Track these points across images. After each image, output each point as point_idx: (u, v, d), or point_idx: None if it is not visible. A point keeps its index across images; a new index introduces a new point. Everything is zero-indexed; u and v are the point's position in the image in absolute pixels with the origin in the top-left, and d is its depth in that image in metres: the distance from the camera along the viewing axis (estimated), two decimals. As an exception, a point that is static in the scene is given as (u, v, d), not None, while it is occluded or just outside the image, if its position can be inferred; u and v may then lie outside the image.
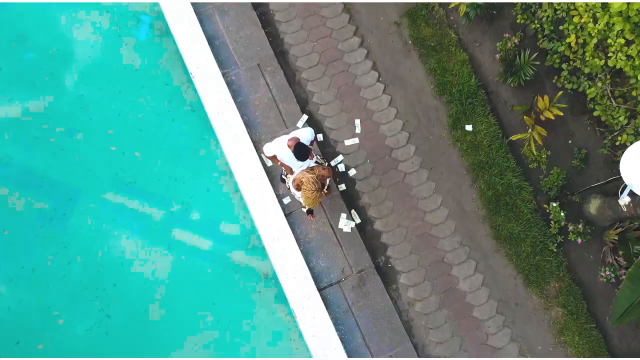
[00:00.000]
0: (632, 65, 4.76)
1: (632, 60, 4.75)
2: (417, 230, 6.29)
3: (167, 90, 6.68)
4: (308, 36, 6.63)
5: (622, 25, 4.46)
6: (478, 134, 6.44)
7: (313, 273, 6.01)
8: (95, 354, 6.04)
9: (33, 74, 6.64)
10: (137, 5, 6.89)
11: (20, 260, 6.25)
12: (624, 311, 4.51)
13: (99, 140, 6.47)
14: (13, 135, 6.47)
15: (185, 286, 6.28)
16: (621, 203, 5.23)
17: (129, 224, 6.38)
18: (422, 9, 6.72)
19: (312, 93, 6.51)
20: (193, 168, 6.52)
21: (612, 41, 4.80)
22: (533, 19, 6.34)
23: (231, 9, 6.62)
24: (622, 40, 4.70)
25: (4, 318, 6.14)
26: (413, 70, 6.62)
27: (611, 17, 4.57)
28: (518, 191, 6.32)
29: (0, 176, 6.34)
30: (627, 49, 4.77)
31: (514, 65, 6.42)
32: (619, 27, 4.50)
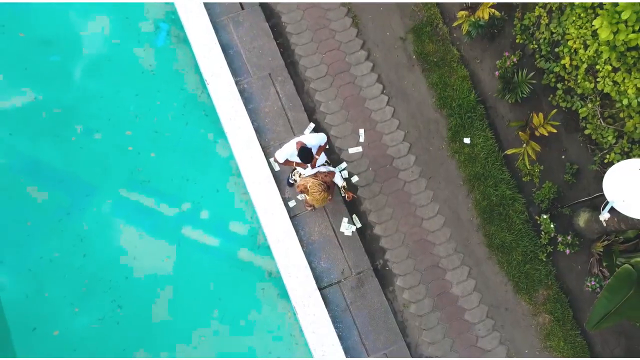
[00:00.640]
0: (618, 91, 5.17)
1: (618, 86, 5.16)
2: (414, 236, 6.71)
3: (182, 94, 7.12)
4: (317, 48, 7.07)
5: (609, 53, 4.88)
6: (475, 146, 6.87)
7: (314, 273, 6.45)
8: (107, 342, 6.48)
9: (56, 75, 7.08)
10: (156, 13, 7.33)
11: (39, 250, 6.69)
12: (601, 319, 4.93)
13: (116, 140, 6.92)
14: (36, 133, 6.91)
15: (193, 281, 6.70)
16: (601, 219, 5.65)
17: (142, 221, 6.81)
18: (426, 25, 7.15)
19: (319, 102, 6.95)
20: (204, 169, 6.96)
21: (600, 67, 5.22)
22: (531, 40, 6.76)
23: (245, 20, 7.06)
24: (609, 67, 5.12)
25: (22, 305, 6.58)
26: (416, 84, 7.05)
27: (600, 46, 4.98)
28: (511, 202, 6.74)
29: (25, 171, 6.78)
30: (614, 75, 5.19)
31: (512, 83, 6.84)
32: (606, 56, 4.92)
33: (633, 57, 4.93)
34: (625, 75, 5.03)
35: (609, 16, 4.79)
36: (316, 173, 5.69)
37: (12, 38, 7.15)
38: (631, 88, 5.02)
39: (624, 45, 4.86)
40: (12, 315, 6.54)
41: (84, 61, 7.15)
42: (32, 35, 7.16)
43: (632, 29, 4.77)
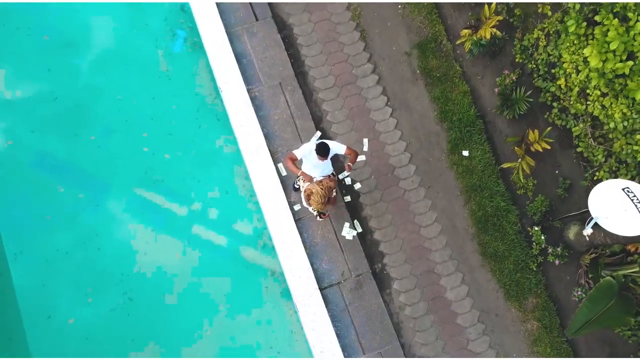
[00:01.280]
0: (606, 114, 5.60)
1: (606, 110, 5.59)
2: (412, 242, 7.15)
3: (196, 99, 7.58)
4: (326, 60, 7.52)
5: (598, 80, 5.32)
6: (473, 159, 7.30)
7: (316, 274, 6.90)
8: (118, 332, 6.93)
9: (77, 77, 7.55)
10: (174, 21, 7.79)
11: (56, 243, 7.15)
12: (581, 326, 5.36)
13: (133, 140, 7.38)
14: (56, 132, 7.37)
15: (200, 277, 7.16)
16: (585, 233, 6.08)
17: (154, 218, 7.27)
18: (431, 41, 7.59)
19: (326, 112, 7.39)
20: (215, 172, 7.41)
21: (590, 91, 5.66)
22: (530, 60, 7.19)
23: (259, 30, 7.51)
24: (599, 92, 5.55)
25: (39, 294, 7.04)
26: (419, 98, 7.49)
27: (590, 72, 5.41)
28: (505, 214, 7.17)
29: (46, 167, 7.25)
30: (602, 99, 5.62)
31: (511, 100, 7.28)
32: (595, 82, 5.35)
33: (620, 84, 5.36)
34: (613, 100, 5.46)
35: (599, 45, 5.22)
36: (322, 180, 6.11)
37: (37, 40, 7.61)
38: (618, 112, 5.45)
39: (612, 73, 5.29)
40: (29, 303, 7.00)
41: (104, 65, 7.61)
42: (55, 38, 7.62)
43: (620, 59, 5.20)
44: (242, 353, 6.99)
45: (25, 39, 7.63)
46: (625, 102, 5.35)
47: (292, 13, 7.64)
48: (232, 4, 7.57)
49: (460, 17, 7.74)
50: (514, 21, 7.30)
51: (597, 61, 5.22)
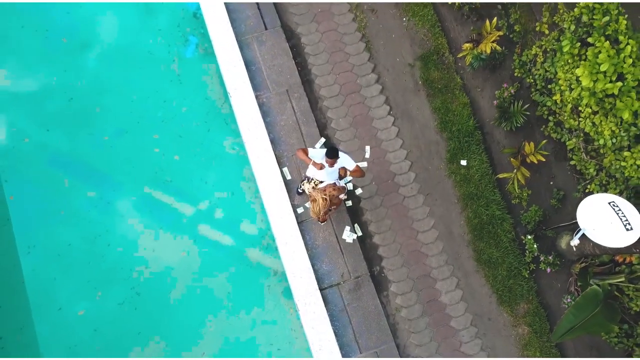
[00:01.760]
0: (596, 131, 5.95)
1: (596, 127, 5.94)
2: (409, 247, 7.51)
3: (206, 103, 7.95)
4: (332, 69, 7.88)
5: (589, 99, 5.67)
6: (471, 168, 7.66)
7: (316, 275, 7.26)
8: (126, 325, 7.31)
9: (91, 79, 7.93)
10: (187, 27, 8.16)
11: (68, 238, 7.53)
12: (566, 332, 5.71)
13: (144, 141, 7.75)
14: (71, 131, 7.75)
15: (205, 275, 7.53)
16: (572, 244, 6.43)
17: (163, 217, 7.65)
18: (434, 54, 7.94)
19: (330, 119, 7.75)
20: (222, 173, 7.78)
21: (582, 109, 6.01)
22: (528, 75, 7.54)
23: (268, 39, 7.88)
24: (589, 110, 5.90)
25: (49, 287, 7.42)
26: (420, 108, 7.84)
27: (582, 91, 5.76)
28: (500, 222, 7.52)
29: (60, 165, 7.63)
30: (593, 117, 5.97)
31: (508, 112, 7.63)
32: (586, 100, 5.70)
33: (610, 103, 5.71)
34: (603, 118, 5.81)
35: (590, 66, 5.57)
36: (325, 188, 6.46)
37: (55, 42, 7.99)
38: (607, 130, 5.80)
39: (602, 93, 5.64)
40: (40, 295, 7.37)
41: (118, 67, 7.99)
42: (73, 41, 8.00)
43: (610, 79, 5.55)
44: (243, 348, 7.35)
45: (43, 40, 8.02)
46: (614, 121, 5.70)
47: (300, 23, 8.01)
48: (243, 13, 7.93)
49: (462, 30, 8.09)
50: (513, 37, 7.65)
51: (588, 81, 5.57)
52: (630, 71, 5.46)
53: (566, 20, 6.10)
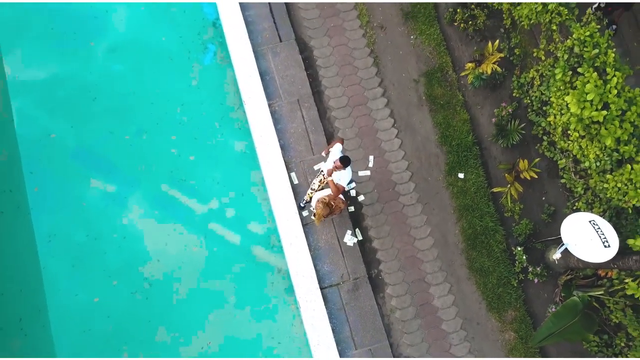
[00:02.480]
0: (583, 154, 6.52)
1: (582, 150, 6.51)
2: (406, 253, 8.10)
3: (221, 108, 8.56)
4: (341, 81, 8.47)
5: (576, 124, 6.24)
6: (468, 181, 8.23)
7: (318, 274, 7.86)
8: (137, 312, 7.92)
9: (116, 81, 8.54)
10: (206, 35, 8.77)
11: (87, 229, 8.15)
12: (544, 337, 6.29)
13: (162, 142, 8.36)
14: (94, 129, 8.38)
15: (214, 269, 8.14)
16: (553, 257, 6.99)
17: (177, 213, 8.26)
18: (438, 71, 8.52)
19: (338, 129, 8.35)
20: (233, 175, 8.39)
21: (571, 132, 6.57)
22: (526, 95, 8.10)
23: (282, 51, 8.48)
24: (577, 134, 6.47)
25: (69, 274, 8.04)
26: (423, 122, 8.43)
27: (571, 116, 6.33)
28: (493, 233, 8.10)
29: (82, 160, 8.27)
30: (580, 140, 6.54)
31: (506, 130, 8.21)
32: (574, 125, 6.27)
33: (595, 129, 6.27)
34: (588, 142, 6.37)
35: (579, 94, 6.14)
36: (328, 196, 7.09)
37: (83, 45, 8.62)
38: (592, 154, 6.37)
39: (589, 119, 6.21)
40: (59, 281, 8.00)
41: (140, 71, 8.62)
42: (100, 45, 8.63)
43: (596, 108, 6.11)
44: (246, 340, 7.94)
45: (71, 42, 8.65)
46: (598, 146, 6.26)
47: (313, 36, 8.60)
48: (259, 25, 8.53)
49: (466, 50, 8.67)
50: (513, 59, 8.22)
51: (576, 108, 6.14)
52: (615, 101, 6.03)
53: (560, 49, 6.67)
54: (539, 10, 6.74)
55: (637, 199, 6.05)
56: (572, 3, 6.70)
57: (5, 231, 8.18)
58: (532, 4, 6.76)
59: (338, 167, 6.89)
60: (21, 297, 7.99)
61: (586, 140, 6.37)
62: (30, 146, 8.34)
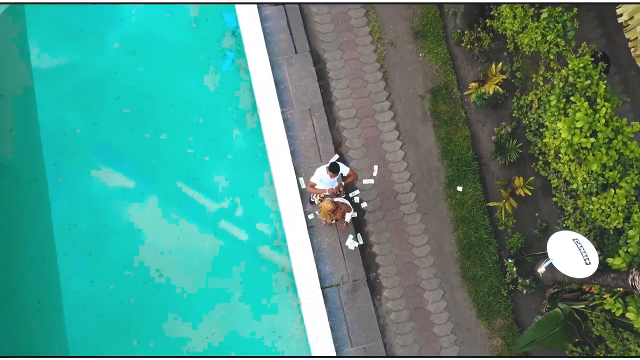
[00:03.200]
0: (572, 176, 7.11)
1: (571, 173, 7.10)
2: (404, 258, 8.71)
3: (236, 113, 9.20)
4: (351, 94, 9.09)
5: (566, 149, 6.82)
6: (466, 194, 8.83)
7: (320, 274, 8.48)
8: (148, 301, 8.57)
9: (138, 82, 9.19)
10: (226, 43, 9.40)
11: (106, 220, 8.81)
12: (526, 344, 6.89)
13: (180, 142, 9.01)
14: (116, 127, 9.03)
15: (222, 264, 8.78)
16: (539, 271, 7.57)
17: (190, 210, 8.91)
18: (443, 89, 9.12)
19: (345, 138, 8.96)
20: (245, 176, 9.03)
21: (562, 155, 7.16)
22: (525, 116, 8.69)
23: (297, 62, 9.10)
24: (567, 158, 7.06)
25: (86, 261, 8.70)
26: (426, 136, 9.03)
27: (562, 141, 6.91)
28: (486, 245, 8.70)
29: (104, 155, 8.94)
30: (570, 164, 7.13)
31: (504, 148, 8.80)
32: (564, 150, 6.86)
33: (584, 154, 6.86)
34: (577, 166, 6.96)
35: (569, 121, 6.73)
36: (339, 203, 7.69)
37: (108, 47, 9.28)
38: (580, 177, 6.96)
39: (578, 145, 6.79)
40: (76, 268, 8.65)
41: (162, 73, 9.27)
42: (124, 47, 9.28)
43: (585, 135, 6.70)
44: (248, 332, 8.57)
45: (98, 43, 9.30)
46: (585, 170, 6.84)
47: (327, 49, 9.22)
48: (276, 36, 9.15)
49: (471, 70, 9.26)
50: (515, 82, 8.81)
51: (567, 134, 6.72)
52: (602, 130, 6.61)
53: (556, 77, 7.25)
54: (539, 40, 7.31)
55: (618, 222, 6.63)
56: (570, 34, 7.27)
57: (29, 218, 8.86)
58: (532, 33, 7.35)
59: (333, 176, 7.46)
60: (40, 281, 8.67)
61: (575, 164, 6.96)
62: (55, 140, 9.01)
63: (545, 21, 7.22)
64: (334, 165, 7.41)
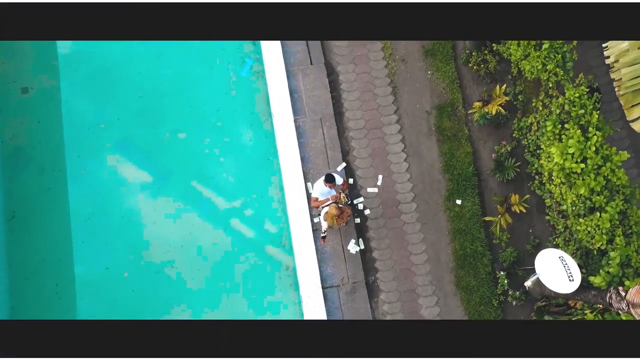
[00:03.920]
0: (562, 198, 7.70)
1: (562, 195, 7.69)
2: (402, 265, 9.32)
3: (251, 118, 9.84)
4: (361, 106, 9.71)
5: (558, 172, 7.41)
6: (464, 208, 9.43)
7: (321, 275, 9.11)
8: (160, 289, 9.22)
9: (160, 83, 9.85)
10: (246, 50, 10.04)
11: (123, 211, 9.47)
12: (509, 351, 7.50)
13: (197, 142, 9.66)
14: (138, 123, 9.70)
15: (229, 259, 9.42)
16: (525, 284, 8.16)
17: (202, 207, 9.56)
18: (449, 106, 9.73)
19: (353, 148, 9.59)
20: (256, 178, 9.67)
21: (554, 178, 7.75)
22: (524, 137, 9.27)
23: (312, 73, 9.73)
24: (559, 180, 7.65)
25: (102, 248, 9.37)
26: (430, 150, 9.64)
27: (555, 165, 7.50)
28: (481, 257, 9.30)
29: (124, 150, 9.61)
30: (561, 186, 7.71)
31: (503, 166, 9.39)
32: (556, 173, 7.45)
33: (574, 178, 7.45)
34: (567, 189, 7.55)
35: (562, 147, 7.32)
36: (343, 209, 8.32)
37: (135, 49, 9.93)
38: (569, 199, 7.55)
39: (569, 169, 7.38)
40: (94, 255, 9.32)
41: (183, 75, 9.92)
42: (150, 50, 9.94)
43: (576, 160, 7.29)
44: (251, 326, 9.21)
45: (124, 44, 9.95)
46: (575, 193, 7.43)
47: (341, 62, 9.84)
48: (293, 47, 9.78)
49: (476, 89, 9.86)
50: (517, 104, 9.40)
51: (559, 158, 7.32)
52: (592, 157, 7.20)
53: (554, 104, 7.84)
54: (539, 68, 7.90)
55: (602, 243, 7.22)
56: (569, 65, 7.86)
57: (50, 206, 9.53)
58: (534, 61, 7.94)
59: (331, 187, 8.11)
60: (59, 265, 9.33)
61: (566, 186, 7.55)
62: (80, 133, 9.68)
63: (546, 51, 7.81)
64: (328, 175, 8.08)
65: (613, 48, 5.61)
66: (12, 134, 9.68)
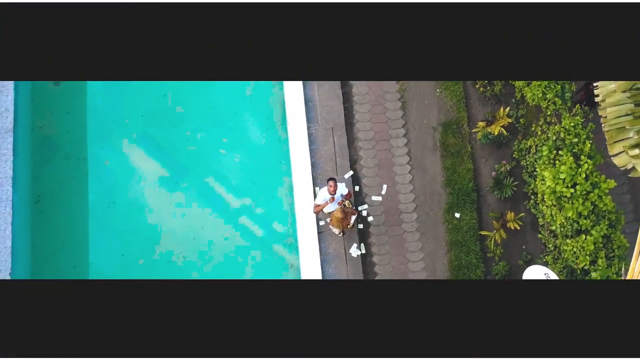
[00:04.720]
0: (552, 219, 8.37)
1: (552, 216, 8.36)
2: (399, 271, 10.02)
3: (267, 122, 10.56)
4: (371, 118, 10.41)
5: (550, 195, 8.09)
6: (462, 221, 10.11)
7: (323, 275, 9.83)
8: (172, 276, 9.93)
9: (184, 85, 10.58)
10: (265, 58, 10.75)
11: (141, 203, 10.23)
12: None
13: (214, 142, 10.39)
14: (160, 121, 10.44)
15: (237, 255, 10.16)
16: (512, 296, 8.82)
17: (215, 204, 10.30)
18: (454, 124, 10.41)
19: (361, 157, 10.29)
20: (268, 180, 10.40)
21: (546, 200, 8.43)
22: (524, 158, 9.94)
23: (326, 84, 10.45)
24: (550, 202, 8.32)
25: (119, 237, 10.12)
26: (433, 164, 10.33)
27: (547, 187, 8.17)
28: (474, 268, 9.98)
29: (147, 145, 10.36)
30: (552, 208, 8.38)
31: (502, 184, 10.07)
32: (547, 196, 8.13)
33: (564, 201, 8.12)
34: (557, 211, 8.22)
35: (555, 172, 7.99)
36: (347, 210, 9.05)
37: (162, 49, 10.66)
38: (559, 220, 8.22)
39: (560, 193, 8.05)
40: (111, 242, 10.07)
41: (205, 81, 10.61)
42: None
43: (567, 185, 7.96)
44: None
45: (152, 45, 10.69)
46: (564, 215, 8.10)
47: (355, 76, 10.52)
48: (312, 59, 10.48)
49: (481, 109, 10.54)
50: (518, 126, 10.07)
51: (551, 182, 7.99)
52: (582, 183, 7.87)
53: (551, 131, 8.51)
54: (540, 96, 8.57)
55: (585, 264, 7.89)
56: (567, 95, 8.52)
57: (74, 193, 10.30)
58: (535, 90, 8.61)
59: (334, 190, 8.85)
60: (78, 249, 10.10)
61: (556, 209, 8.22)
62: (105, 126, 10.44)
63: (547, 81, 8.48)
64: (331, 179, 8.91)
65: (602, 88, 6.24)
66: (42, 123, 10.45)
